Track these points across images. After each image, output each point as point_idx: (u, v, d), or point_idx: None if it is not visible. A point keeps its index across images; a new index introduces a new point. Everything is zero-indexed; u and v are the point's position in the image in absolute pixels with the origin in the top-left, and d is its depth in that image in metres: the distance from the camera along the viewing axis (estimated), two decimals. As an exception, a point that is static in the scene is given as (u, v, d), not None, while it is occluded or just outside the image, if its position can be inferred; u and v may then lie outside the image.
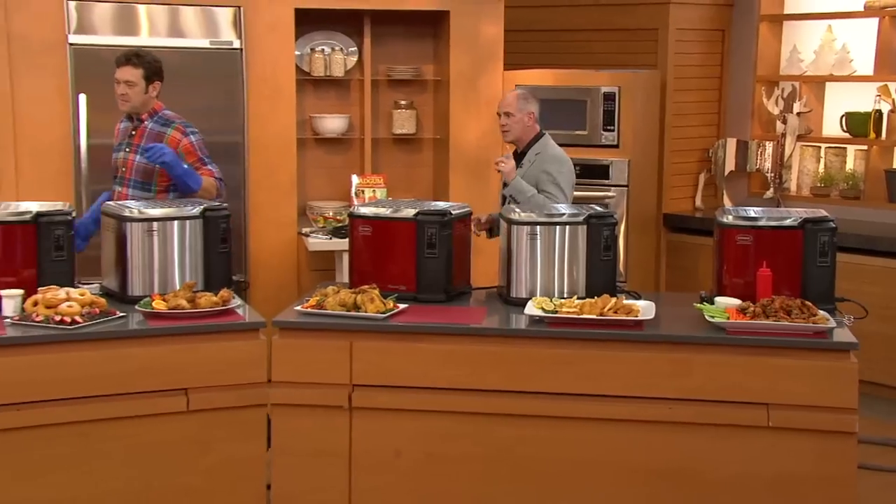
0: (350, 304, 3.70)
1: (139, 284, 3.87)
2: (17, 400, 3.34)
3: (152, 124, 4.44)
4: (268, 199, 5.70)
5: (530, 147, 4.66)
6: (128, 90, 4.39)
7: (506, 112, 4.65)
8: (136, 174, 4.41)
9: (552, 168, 4.56)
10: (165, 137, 4.39)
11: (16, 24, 5.24)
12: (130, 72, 4.39)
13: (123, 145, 4.50)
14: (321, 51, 6.03)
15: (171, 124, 4.45)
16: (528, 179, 4.55)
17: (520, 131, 4.63)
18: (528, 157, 4.64)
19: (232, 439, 3.58)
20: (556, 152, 4.66)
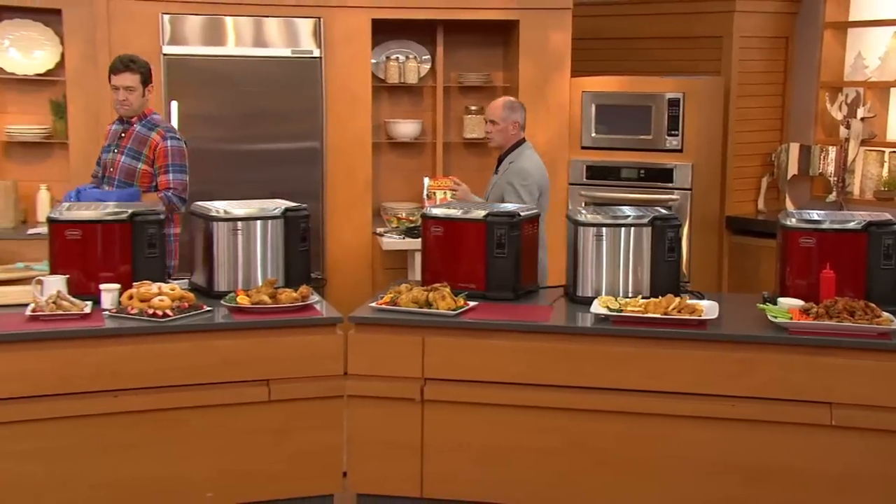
0: (422, 301, 3.72)
1: (224, 280, 3.93)
2: (114, 387, 3.43)
3: (140, 127, 4.44)
4: (344, 201, 5.75)
5: (507, 155, 4.70)
6: (128, 95, 4.38)
7: (490, 120, 4.72)
8: (121, 174, 4.42)
9: (515, 181, 4.59)
10: (149, 140, 4.41)
11: (116, 36, 5.38)
12: (130, 77, 4.37)
13: (112, 147, 4.49)
14: (396, 59, 6.06)
15: (155, 128, 4.45)
16: (498, 186, 4.65)
17: (502, 139, 4.68)
18: (504, 164, 4.70)
19: (310, 428, 3.62)
20: (525, 164, 4.64)
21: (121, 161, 4.42)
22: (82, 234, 3.79)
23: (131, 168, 4.39)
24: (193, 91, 5.47)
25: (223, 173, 5.49)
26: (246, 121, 5.58)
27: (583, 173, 6.01)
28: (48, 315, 3.48)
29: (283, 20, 5.58)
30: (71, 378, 3.38)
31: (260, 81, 5.59)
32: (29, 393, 3.34)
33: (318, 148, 5.68)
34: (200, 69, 5.48)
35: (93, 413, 3.40)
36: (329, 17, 5.61)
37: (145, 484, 3.49)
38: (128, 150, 4.41)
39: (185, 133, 5.39)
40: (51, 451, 3.37)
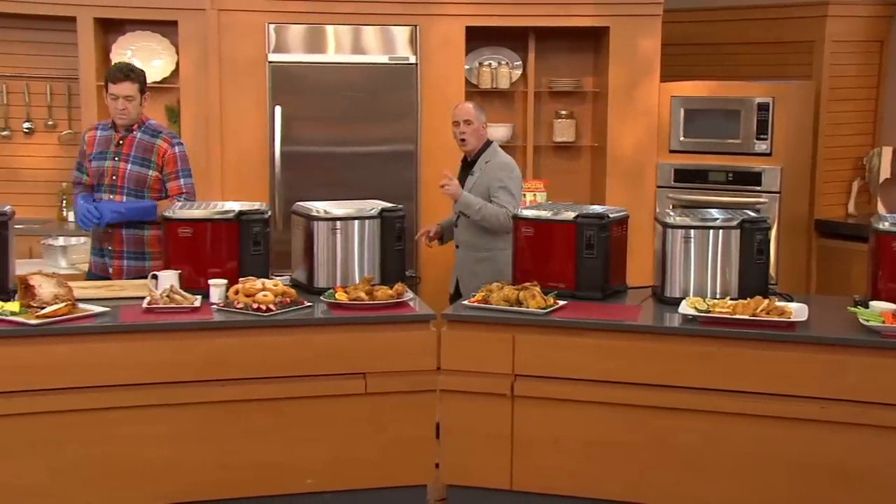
0: (513, 299, 3.71)
1: (324, 277, 3.98)
2: (221, 377, 3.51)
3: (141, 134, 4.32)
4: (437, 202, 5.74)
5: (480, 155, 4.65)
6: (127, 104, 4.22)
7: (465, 120, 4.66)
8: (130, 182, 4.25)
9: (502, 174, 4.56)
10: (155, 147, 4.29)
11: (225, 46, 5.52)
12: (129, 87, 4.24)
13: (109, 154, 4.27)
14: (488, 65, 6.06)
15: (160, 135, 4.35)
16: (480, 185, 4.57)
17: (475, 140, 4.65)
18: (479, 164, 4.64)
19: (404, 420, 3.65)
20: (505, 160, 4.66)
21: (127, 169, 4.24)
22: (193, 232, 3.88)
23: (141, 176, 4.24)
24: (296, 97, 5.56)
25: (323, 175, 5.56)
26: (345, 125, 5.65)
27: (670, 176, 5.91)
28: (162, 308, 3.57)
29: (381, 28, 5.63)
30: (182, 367, 3.47)
31: (358, 87, 5.65)
32: (144, 380, 3.44)
33: (413, 151, 5.71)
34: (302, 76, 5.57)
35: (201, 401, 3.49)
36: (425, 24, 5.65)
37: (250, 469, 3.56)
38: (133, 158, 4.24)
39: (287, 137, 5.52)
40: (163, 436, 3.47)
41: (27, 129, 5.84)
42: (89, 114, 5.63)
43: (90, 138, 4.36)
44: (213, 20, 5.50)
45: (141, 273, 4.22)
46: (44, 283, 3.56)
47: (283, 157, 5.51)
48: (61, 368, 3.35)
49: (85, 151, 4.35)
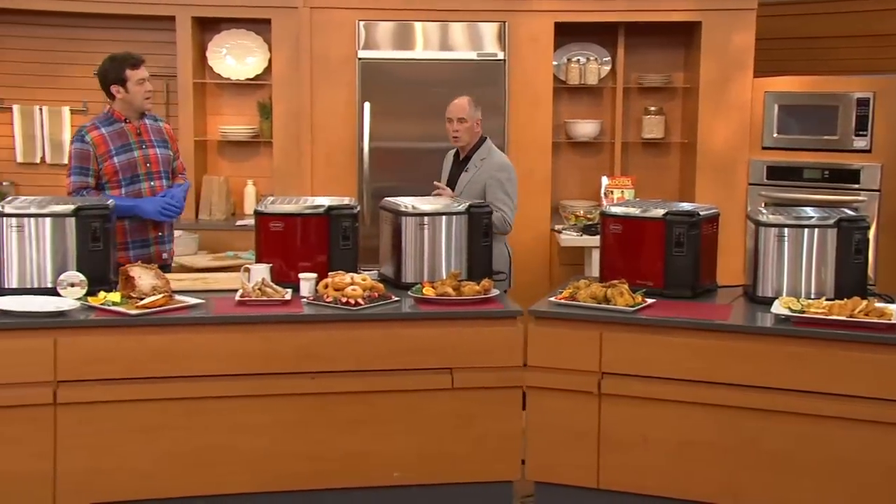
0: (601, 297, 3.68)
1: (411, 272, 4.00)
2: (311, 369, 3.56)
3: (149, 121, 4.40)
4: (524, 198, 5.72)
5: (474, 152, 4.60)
6: (151, 87, 4.33)
7: (459, 118, 4.59)
8: (164, 165, 4.36)
9: (501, 175, 4.52)
10: (163, 129, 4.43)
11: (317, 43, 5.61)
12: (146, 70, 4.29)
13: (134, 145, 4.28)
14: (577, 61, 6.01)
15: (158, 119, 4.48)
16: (475, 183, 4.53)
17: (469, 137, 4.60)
18: (474, 161, 4.59)
19: (491, 416, 3.64)
20: (502, 159, 4.63)
21: (157, 154, 4.33)
22: (284, 227, 3.95)
23: (167, 156, 4.40)
24: (384, 93, 5.61)
25: (411, 170, 5.59)
26: (432, 121, 5.65)
27: (763, 174, 5.77)
28: (254, 300, 3.64)
29: (469, 24, 5.63)
30: (273, 359, 3.53)
31: (446, 83, 5.66)
32: (237, 371, 3.51)
33: (500, 147, 5.69)
34: (391, 72, 5.62)
35: (292, 393, 3.54)
36: (514, 20, 5.63)
37: (339, 460, 3.60)
38: (157, 142, 4.36)
39: (375, 132, 5.57)
40: (255, 426, 3.54)
41: (126, 125, 6.02)
42: (186, 110, 5.79)
43: (97, 138, 4.22)
44: (305, 18, 5.59)
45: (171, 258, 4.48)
46: (143, 275, 3.66)
47: (371, 153, 5.57)
48: (159, 358, 3.45)
49: (93, 153, 4.21)
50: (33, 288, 3.65)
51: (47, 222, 3.68)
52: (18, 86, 5.97)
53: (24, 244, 3.66)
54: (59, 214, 3.69)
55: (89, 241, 3.71)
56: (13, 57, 5.97)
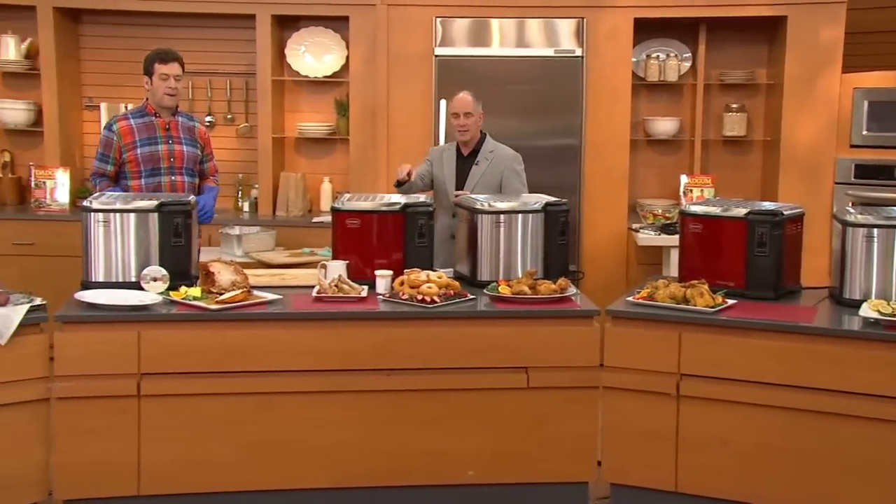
0: (680, 297, 3.63)
1: (487, 270, 4.00)
2: (387, 366, 3.59)
3: (182, 119, 4.50)
4: (601, 196, 5.72)
5: (481, 146, 4.67)
6: (177, 84, 4.40)
7: (466, 113, 4.61)
8: (188, 162, 4.47)
9: (517, 166, 4.64)
10: (195, 129, 4.51)
11: (393, 40, 5.65)
12: (177, 67, 4.40)
13: (160, 139, 4.41)
14: (656, 57, 5.94)
15: (194, 119, 4.56)
16: (490, 175, 4.59)
17: (475, 131, 4.65)
18: (483, 155, 4.66)
19: (567, 416, 3.63)
20: (511, 151, 4.72)
21: (184, 151, 4.46)
22: (360, 224, 3.98)
23: (195, 155, 4.50)
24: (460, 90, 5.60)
25: (486, 168, 5.60)
26: (508, 118, 5.66)
27: (850, 172, 5.61)
28: (331, 297, 3.69)
29: (546, 21, 5.61)
30: (349, 356, 3.57)
31: (522, 80, 5.66)
32: (314, 367, 3.55)
33: (577, 145, 5.68)
34: (467, 69, 5.63)
35: (368, 389, 3.58)
36: (592, 17, 5.59)
37: (413, 458, 3.62)
38: (185, 140, 4.46)
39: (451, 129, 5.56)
40: (331, 422, 3.58)
41: (209, 122, 6.16)
42: (265, 107, 5.88)
43: (124, 128, 4.40)
44: (383, 15, 5.63)
45: None
46: (223, 271, 3.74)
47: (447, 151, 5.57)
48: (237, 352, 3.52)
49: (117, 143, 4.39)
50: (118, 282, 3.75)
51: (132, 218, 3.77)
52: (106, 84, 6.15)
53: (109, 239, 3.76)
54: (143, 210, 3.78)
55: (171, 236, 3.79)
56: (100, 56, 6.15)
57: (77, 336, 3.44)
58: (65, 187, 5.78)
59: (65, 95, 5.91)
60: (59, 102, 5.81)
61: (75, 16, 6.06)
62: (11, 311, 3.35)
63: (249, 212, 6.06)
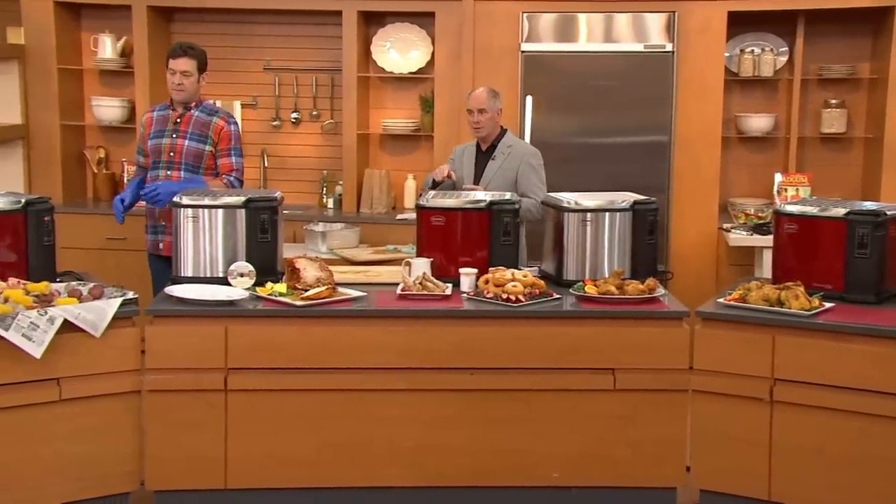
0: (774, 299, 3.55)
1: (573, 269, 3.96)
2: (470, 365, 3.59)
3: (199, 113, 4.47)
4: (690, 195, 5.62)
5: (498, 141, 4.63)
6: (184, 80, 4.40)
7: (479, 109, 4.54)
8: (188, 157, 4.44)
9: (534, 161, 4.59)
10: (212, 124, 4.45)
11: (480, 35, 5.65)
12: (187, 63, 4.40)
13: (167, 132, 4.47)
14: (751, 51, 5.81)
15: (217, 113, 4.50)
16: (506, 170, 4.56)
17: (490, 128, 4.61)
18: (500, 150, 4.62)
19: (655, 419, 3.58)
20: (530, 146, 4.72)
21: (185, 145, 4.44)
22: (445, 221, 3.99)
23: (199, 151, 4.44)
24: (546, 86, 5.60)
25: (573, 165, 5.56)
26: (595, 114, 5.62)
27: (958, 171, 5.41)
28: (415, 295, 3.71)
29: (634, 15, 5.54)
30: (433, 354, 3.58)
31: (610, 76, 5.60)
32: (397, 365, 3.58)
33: (666, 141, 5.60)
34: (553, 65, 5.60)
35: (451, 388, 3.59)
36: (684, 10, 5.50)
37: (497, 458, 3.62)
38: (191, 134, 4.44)
39: (537, 126, 5.56)
40: (414, 420, 3.60)
41: (294, 119, 6.26)
42: (350, 103, 5.95)
43: (147, 120, 4.57)
44: (469, 10, 5.64)
45: None
46: (308, 267, 3.79)
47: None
48: (321, 349, 3.56)
49: (142, 134, 4.58)
50: (205, 277, 3.84)
51: (219, 213, 3.86)
52: (195, 81, 6.31)
53: (198, 234, 3.86)
54: (231, 206, 3.86)
55: (258, 232, 3.86)
56: (189, 54, 6.30)
57: (167, 330, 3.54)
58: (155, 183, 5.94)
59: (156, 92, 6.06)
60: (150, 99, 5.97)
61: (168, 14, 6.22)
62: (105, 305, 3.46)
63: (334, 208, 6.14)
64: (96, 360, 3.42)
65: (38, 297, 3.41)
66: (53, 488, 3.41)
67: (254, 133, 6.29)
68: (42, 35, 5.93)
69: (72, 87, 6.18)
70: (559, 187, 4.37)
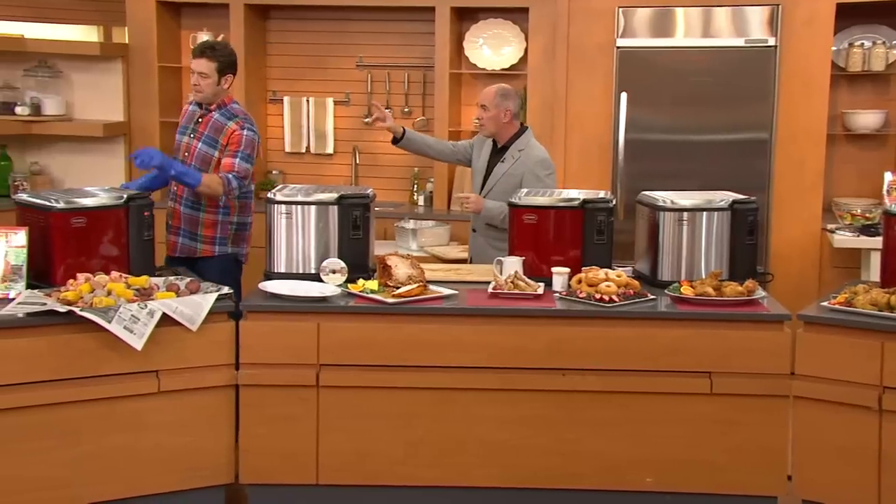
0: (883, 303, 3.43)
1: (668, 270, 3.91)
2: (562, 365, 3.57)
3: (218, 115, 4.33)
4: (792, 194, 5.47)
5: (512, 142, 4.54)
6: (200, 81, 4.28)
7: (482, 105, 4.49)
8: (197, 161, 4.31)
9: (541, 172, 4.45)
10: (225, 128, 4.29)
11: (574, 31, 5.60)
12: (205, 64, 4.27)
13: (189, 130, 4.39)
14: (860, 45, 5.62)
15: (234, 118, 4.32)
16: (512, 175, 4.46)
17: (495, 126, 4.51)
18: (511, 152, 4.52)
19: (753, 425, 3.51)
20: (543, 154, 4.55)
21: (197, 148, 4.34)
22: (537, 219, 3.97)
23: (208, 156, 4.31)
24: (642, 82, 5.51)
25: (669, 163, 5.48)
26: (692, 111, 5.51)
27: None
28: (506, 293, 3.70)
29: (734, 9, 5.42)
30: (524, 354, 3.57)
31: (708, 72, 5.49)
32: (488, 364, 3.58)
33: (767, 139, 5.46)
34: (649, 60, 5.51)
35: (543, 388, 3.57)
36: (789, 3, 5.35)
37: (589, 461, 3.59)
38: (205, 137, 4.33)
39: (632, 123, 5.49)
40: (505, 420, 3.59)
41: (386, 116, 6.31)
42: (441, 100, 5.97)
43: (184, 111, 4.53)
44: (564, 6, 5.60)
45: (191, 254, 4.34)
46: (399, 264, 3.82)
47: (626, 145, 5.49)
48: (412, 346, 3.58)
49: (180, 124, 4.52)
50: (298, 273, 3.90)
51: (312, 210, 3.91)
52: (289, 78, 6.42)
53: (291, 231, 3.92)
54: (324, 203, 3.91)
55: (350, 229, 3.91)
56: (285, 51, 6.42)
57: (260, 325, 3.60)
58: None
59: (251, 89, 6.20)
60: (245, 96, 6.10)
61: (264, 12, 6.35)
62: (202, 299, 3.55)
63: (424, 206, 6.17)
64: (193, 354, 3.50)
65: (139, 290, 3.52)
66: (152, 478, 3.51)
67: (346, 130, 6.37)
68: (144, 34, 6.12)
69: (171, 85, 6.36)
70: (654, 186, 4.30)
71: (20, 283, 3.58)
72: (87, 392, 3.38)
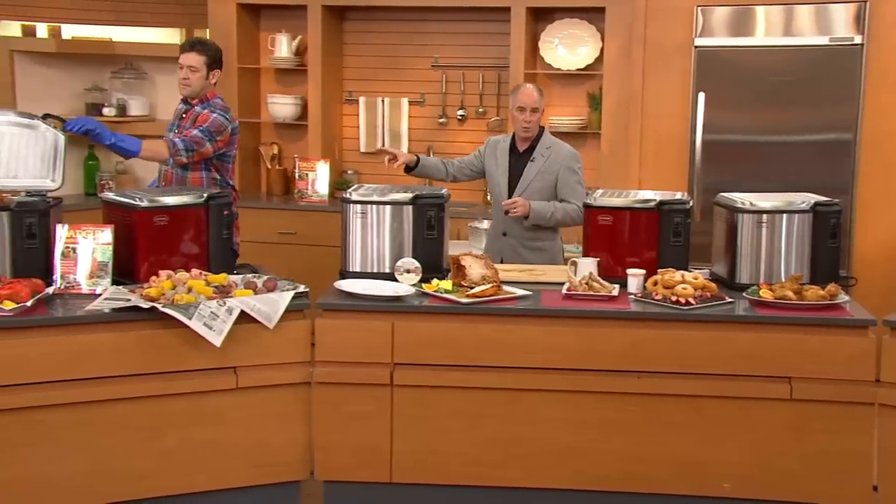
0: (973, 310, 3.32)
1: (747, 272, 3.86)
2: (636, 368, 3.54)
3: (199, 108, 4.36)
4: (879, 196, 5.32)
5: (537, 142, 4.55)
6: (190, 75, 4.35)
7: (533, 108, 4.47)
8: None
9: (575, 165, 4.53)
10: (200, 115, 4.32)
11: (651, 31, 5.54)
12: (194, 58, 4.33)
13: (174, 126, 4.46)
14: (949, 43, 5.44)
15: (208, 106, 4.34)
16: (547, 173, 4.49)
17: (536, 128, 4.54)
18: (539, 151, 4.54)
19: (835, 433, 3.44)
20: (571, 148, 4.62)
21: None
22: (613, 220, 3.94)
23: None
24: (720, 82, 5.43)
25: (748, 165, 5.38)
26: (772, 112, 5.40)
27: None
28: (581, 295, 3.68)
29: (818, 7, 5.29)
30: (599, 356, 3.55)
31: (789, 71, 5.38)
32: (561, 365, 3.57)
33: (851, 140, 5.32)
34: (728, 60, 5.42)
35: (617, 391, 3.55)
36: (877, 1, 5.21)
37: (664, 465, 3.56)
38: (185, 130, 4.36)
39: (709, 123, 5.39)
40: (578, 422, 3.58)
41: (460, 116, 6.33)
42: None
43: (176, 110, 4.59)
44: (641, 5, 5.54)
45: None
46: (473, 265, 3.83)
47: (703, 146, 5.41)
48: (486, 347, 3.59)
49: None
50: (373, 272, 3.94)
51: (387, 210, 3.95)
52: (365, 78, 6.48)
53: (366, 230, 3.96)
54: (399, 203, 3.95)
55: (425, 229, 3.93)
56: (361, 51, 6.48)
57: (336, 324, 3.65)
58: (325, 178, 6.14)
59: (327, 90, 6.28)
60: (322, 97, 6.18)
61: (341, 13, 6.42)
62: (279, 297, 3.60)
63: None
64: (270, 351, 3.56)
65: (218, 288, 3.59)
66: (230, 473, 3.58)
67: (420, 130, 6.41)
68: (225, 35, 6.24)
69: (250, 86, 6.48)
70: (733, 187, 4.24)
71: (106, 279, 3.68)
72: (171, 387, 3.47)
